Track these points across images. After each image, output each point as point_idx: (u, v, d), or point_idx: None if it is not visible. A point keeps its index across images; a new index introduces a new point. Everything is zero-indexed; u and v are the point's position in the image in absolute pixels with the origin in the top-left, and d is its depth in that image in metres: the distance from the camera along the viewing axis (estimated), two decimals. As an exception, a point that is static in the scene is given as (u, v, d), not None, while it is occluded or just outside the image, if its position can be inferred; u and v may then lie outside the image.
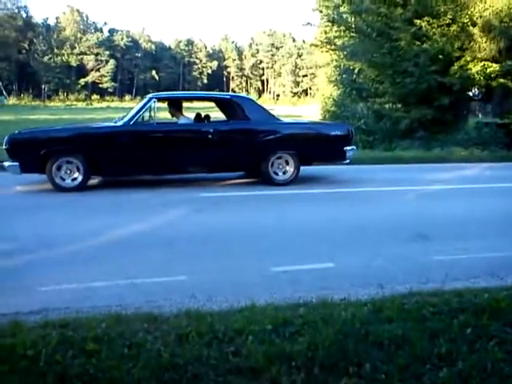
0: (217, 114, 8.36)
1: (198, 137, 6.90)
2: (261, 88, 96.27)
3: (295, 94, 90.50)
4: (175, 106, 7.33)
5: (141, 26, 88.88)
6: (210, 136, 6.79)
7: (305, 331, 2.47)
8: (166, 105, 7.51)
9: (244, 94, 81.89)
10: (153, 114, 6.84)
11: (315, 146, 7.23)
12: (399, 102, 14.66)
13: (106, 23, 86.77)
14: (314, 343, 2.34)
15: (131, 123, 6.64)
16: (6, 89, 64.75)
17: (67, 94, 70.07)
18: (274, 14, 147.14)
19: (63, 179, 6.43)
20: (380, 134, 14.13)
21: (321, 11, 19.55)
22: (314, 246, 4.29)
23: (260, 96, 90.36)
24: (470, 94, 15.58)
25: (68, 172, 6.44)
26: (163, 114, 8.03)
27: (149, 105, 6.76)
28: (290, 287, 3.30)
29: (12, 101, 57.48)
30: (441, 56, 13.01)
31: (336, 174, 8.15)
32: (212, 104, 8.19)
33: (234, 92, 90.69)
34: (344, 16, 15.90)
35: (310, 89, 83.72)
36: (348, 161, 7.38)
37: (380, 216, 5.39)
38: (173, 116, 7.42)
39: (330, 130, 7.63)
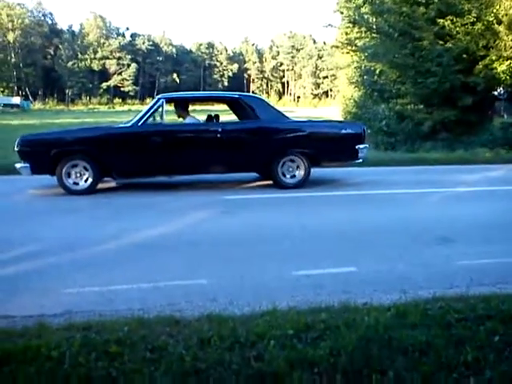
0: (233, 117, 8.35)
1: (206, 136, 6.88)
2: (281, 90, 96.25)
3: (316, 95, 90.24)
4: (182, 106, 7.30)
5: (162, 29, 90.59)
6: (218, 135, 6.74)
7: (327, 336, 2.45)
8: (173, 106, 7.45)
9: (263, 95, 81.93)
10: (161, 115, 6.82)
11: (327, 145, 7.08)
12: (421, 102, 14.47)
13: (128, 28, 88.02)
14: (336, 349, 2.31)
15: (140, 124, 6.67)
16: (31, 94, 66.26)
17: (90, 98, 71.31)
18: (295, 16, 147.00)
19: (73, 181, 6.50)
20: (402, 136, 13.97)
21: (341, 12, 19.49)
22: (335, 249, 4.25)
23: (280, 98, 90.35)
24: (495, 93, 15.28)
25: (78, 174, 6.51)
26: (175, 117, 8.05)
27: (157, 105, 6.76)
28: (311, 291, 3.28)
29: (37, 105, 58.80)
30: (465, 55, 12.81)
31: (357, 176, 8.08)
32: (226, 107, 8.17)
33: (255, 94, 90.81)
34: (365, 17, 15.78)
35: (331, 90, 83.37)
36: (361, 160, 7.24)
37: (402, 219, 5.32)
38: (179, 117, 7.40)
39: (341, 128, 7.43)
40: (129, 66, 77.92)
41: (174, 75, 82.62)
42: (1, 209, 5.92)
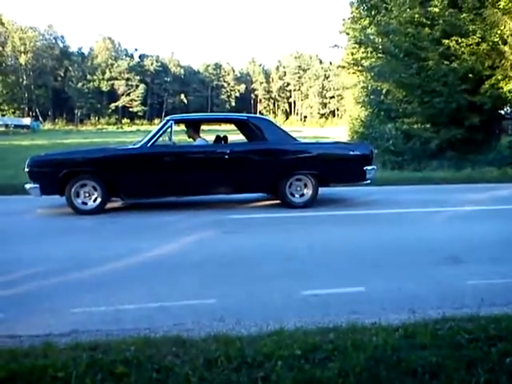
0: (241, 137, 8.41)
1: (214, 158, 6.90)
2: (288, 110, 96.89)
3: (322, 115, 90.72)
4: (193, 128, 7.39)
5: (170, 50, 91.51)
6: (226, 157, 6.79)
7: (335, 357, 2.42)
8: (184, 127, 7.57)
9: (270, 115, 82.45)
10: (170, 136, 6.87)
11: (334, 167, 7.09)
12: (428, 122, 14.51)
13: (136, 49, 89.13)
14: (344, 370, 2.28)
15: (149, 145, 6.72)
16: (41, 114, 67.20)
17: (99, 118, 72.14)
18: (301, 36, 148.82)
19: (82, 201, 6.54)
20: (409, 155, 13.97)
21: (347, 33, 19.70)
22: (343, 269, 4.23)
23: (287, 118, 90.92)
24: (502, 112, 15.30)
25: (86, 194, 6.55)
26: (184, 137, 8.13)
27: (166, 127, 6.82)
28: (319, 311, 3.25)
29: (47, 126, 59.51)
30: (470, 75, 12.87)
31: (364, 195, 8.06)
32: (234, 127, 8.24)
33: (262, 114, 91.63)
34: (371, 37, 15.94)
35: (338, 110, 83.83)
36: (369, 181, 7.23)
37: (410, 238, 5.28)
38: (190, 138, 7.48)
39: (349, 149, 7.47)
40: (137, 86, 78.92)
41: (182, 96, 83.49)
42: (10, 228, 5.95)
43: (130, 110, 78.22)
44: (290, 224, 6.07)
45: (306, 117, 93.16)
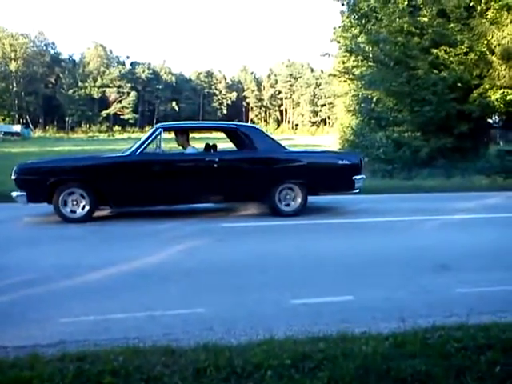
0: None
1: (203, 166, 6.85)
2: (280, 118, 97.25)
3: (314, 123, 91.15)
4: (182, 136, 7.35)
5: (162, 58, 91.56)
6: (215, 165, 6.76)
7: (324, 366, 2.42)
8: (174, 135, 7.51)
9: (261, 123, 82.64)
10: (159, 144, 6.83)
11: (323, 176, 7.09)
12: (418, 130, 14.63)
13: (128, 57, 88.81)
14: (334, 379, 2.28)
15: (137, 153, 6.68)
16: (32, 121, 66.82)
17: (90, 126, 71.90)
18: (292, 44, 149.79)
19: (69, 210, 6.47)
20: (399, 163, 14.05)
21: (338, 42, 19.85)
22: (333, 277, 4.23)
23: (279, 126, 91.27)
24: (490, 121, 15.48)
25: (74, 202, 6.48)
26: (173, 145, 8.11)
27: (155, 134, 6.78)
28: (309, 320, 3.24)
29: (38, 133, 59.19)
30: (459, 84, 13.02)
31: (355, 204, 8.09)
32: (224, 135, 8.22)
33: (253, 122, 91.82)
34: (361, 46, 16.09)
35: (329, 118, 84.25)
36: (358, 190, 7.22)
37: (400, 247, 5.30)
38: (180, 146, 7.44)
39: (338, 158, 7.45)
40: (128, 94, 78.82)
41: (174, 103, 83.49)
42: (-3, 236, 5.89)
43: (122, 117, 78.02)
44: (280, 233, 6.06)
45: (297, 125, 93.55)
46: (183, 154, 7.24)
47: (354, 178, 7.08)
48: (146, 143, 6.76)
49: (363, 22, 15.97)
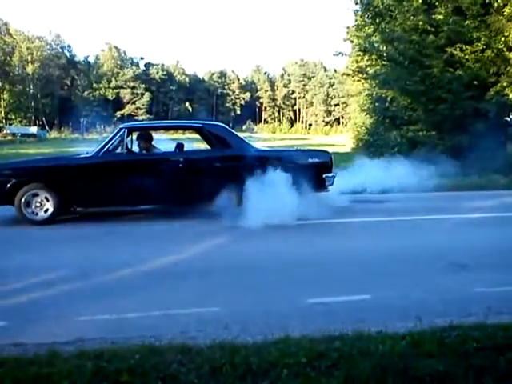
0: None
1: (168, 166, 6.69)
2: (293, 118, 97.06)
3: (327, 123, 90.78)
4: (145, 136, 7.12)
5: (175, 59, 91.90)
6: (180, 165, 6.62)
7: (341, 365, 2.41)
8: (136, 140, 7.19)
9: (275, 123, 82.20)
10: (124, 144, 6.68)
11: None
12: (433, 129, 14.47)
13: (142, 58, 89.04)
14: (350, 377, 2.27)
15: (100, 154, 6.58)
16: (47, 123, 67.68)
17: (104, 127, 72.47)
18: (305, 44, 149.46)
19: (33, 212, 6.39)
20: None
21: (352, 41, 19.74)
22: (349, 276, 4.20)
23: (292, 126, 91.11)
24: (508, 119, 15.24)
25: (38, 204, 6.39)
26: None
27: (119, 135, 6.66)
28: (325, 319, 3.22)
29: (53, 134, 59.88)
30: (475, 82, 12.85)
31: (369, 203, 8.03)
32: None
33: (267, 122, 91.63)
34: (375, 45, 15.98)
35: (342, 118, 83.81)
36: (328, 190, 6.97)
37: (417, 245, 5.25)
38: (143, 148, 7.13)
39: (307, 157, 7.14)
40: (143, 94, 79.38)
41: (187, 104, 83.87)
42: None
43: (136, 118, 78.50)
44: (293, 232, 6.03)
45: (310, 125, 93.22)
46: (147, 154, 7.07)
47: (324, 176, 6.83)
48: (110, 144, 6.62)
49: (377, 20, 15.84)
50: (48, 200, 6.42)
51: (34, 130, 53.67)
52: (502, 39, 12.29)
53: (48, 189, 6.42)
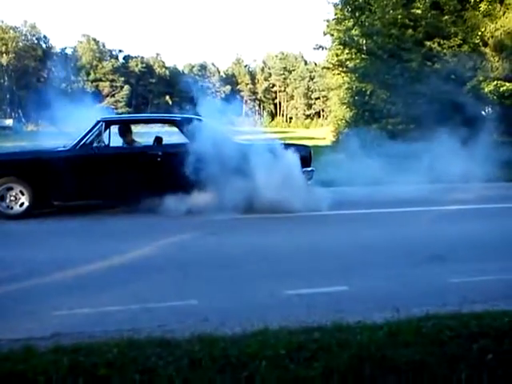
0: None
1: (145, 160, 6.64)
2: (274, 111, 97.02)
3: (308, 116, 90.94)
4: (124, 129, 7.07)
5: (155, 51, 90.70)
6: (158, 159, 6.57)
7: (319, 356, 2.42)
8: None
9: (255, 116, 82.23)
10: (101, 138, 6.59)
11: None
12: (412, 122, 14.64)
13: (121, 50, 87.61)
14: (328, 368, 2.28)
15: (77, 147, 6.50)
16: (24, 116, 66.35)
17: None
18: (285, 37, 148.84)
19: (7, 206, 6.28)
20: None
21: (332, 34, 19.79)
22: (327, 268, 4.23)
23: (273, 119, 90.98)
24: (484, 113, 15.51)
25: (12, 198, 6.29)
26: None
27: (96, 128, 6.57)
28: (303, 310, 3.25)
29: (30, 127, 58.68)
30: (453, 76, 13.04)
31: (350, 195, 8.08)
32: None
33: (248, 116, 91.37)
34: (355, 38, 16.06)
35: (323, 111, 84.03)
36: (308, 183, 6.94)
37: (394, 238, 5.32)
38: (124, 139, 7.09)
39: (286, 150, 6.98)
40: (122, 87, 78.32)
41: (167, 97, 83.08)
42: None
43: (115, 111, 77.51)
44: (273, 225, 6.06)
45: (291, 118, 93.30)
46: (124, 148, 6.99)
47: (303, 170, 6.79)
48: (87, 137, 6.52)
49: (357, 14, 15.94)
50: (23, 194, 6.30)
51: (9, 122, 52.57)
52: (478, 34, 12.48)
53: (23, 182, 6.29)
